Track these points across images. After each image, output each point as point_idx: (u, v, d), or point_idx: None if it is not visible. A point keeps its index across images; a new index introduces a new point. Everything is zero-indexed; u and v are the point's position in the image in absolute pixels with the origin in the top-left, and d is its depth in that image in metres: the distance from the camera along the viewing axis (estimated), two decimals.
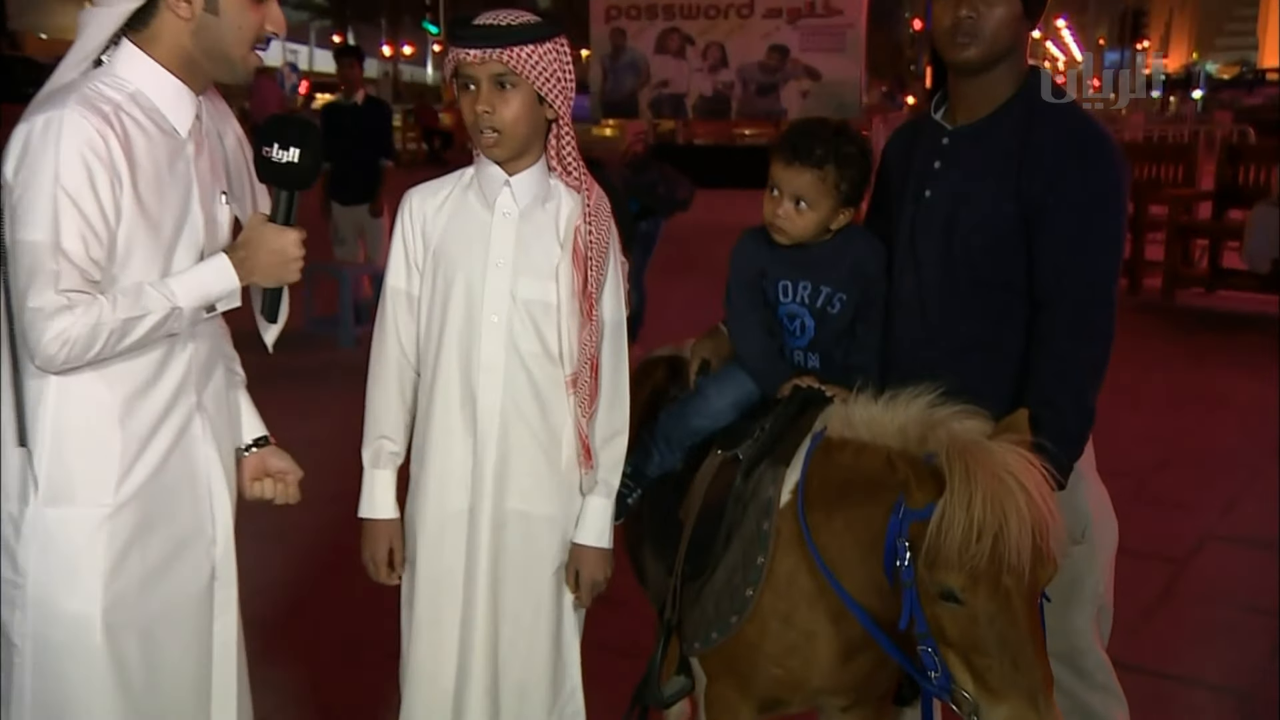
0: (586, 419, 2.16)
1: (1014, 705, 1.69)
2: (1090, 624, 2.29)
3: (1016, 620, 1.72)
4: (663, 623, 2.31)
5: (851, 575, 2.01)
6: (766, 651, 2.12)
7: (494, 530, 2.17)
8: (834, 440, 2.08)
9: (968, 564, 1.71)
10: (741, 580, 2.13)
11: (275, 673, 3.28)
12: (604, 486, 2.22)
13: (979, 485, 1.70)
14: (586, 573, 2.22)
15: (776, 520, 2.12)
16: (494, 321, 2.14)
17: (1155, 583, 4.05)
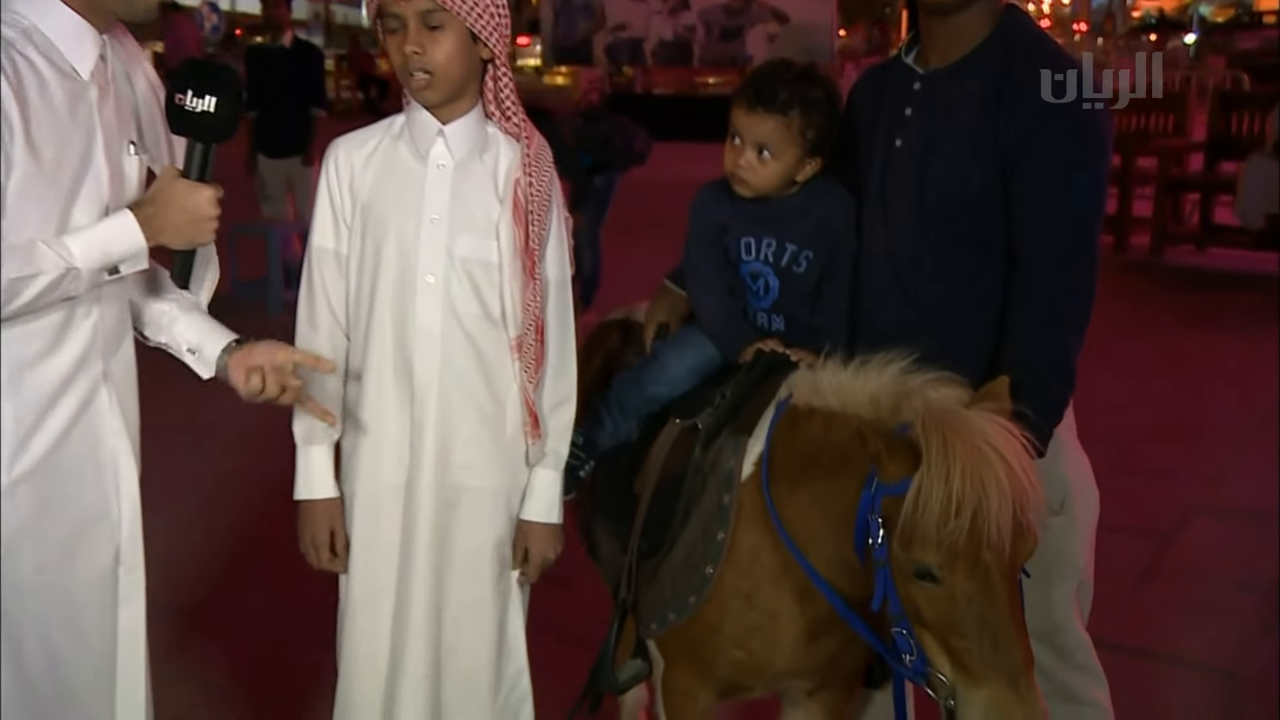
0: (533, 385, 2.16)
1: (993, 688, 1.72)
2: (1070, 600, 2.33)
3: (996, 598, 1.74)
4: (617, 603, 2.33)
5: (819, 552, 2.03)
6: (727, 633, 2.14)
7: (435, 505, 2.17)
8: (800, 409, 2.09)
9: (946, 541, 1.73)
10: (701, 557, 2.15)
11: (197, 665, 3.27)
12: (552, 457, 2.23)
13: (957, 457, 1.72)
14: (535, 550, 2.23)
15: (738, 493, 2.13)
16: (430, 282, 2.13)
17: (1139, 558, 4.14)
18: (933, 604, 1.78)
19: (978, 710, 1.73)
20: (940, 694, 1.79)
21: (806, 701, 2.32)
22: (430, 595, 2.18)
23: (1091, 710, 2.37)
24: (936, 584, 1.77)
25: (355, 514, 2.22)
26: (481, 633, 2.23)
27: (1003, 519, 1.72)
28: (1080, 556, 2.33)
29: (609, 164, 7.09)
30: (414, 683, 2.20)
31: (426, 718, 2.21)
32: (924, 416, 1.79)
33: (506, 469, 2.21)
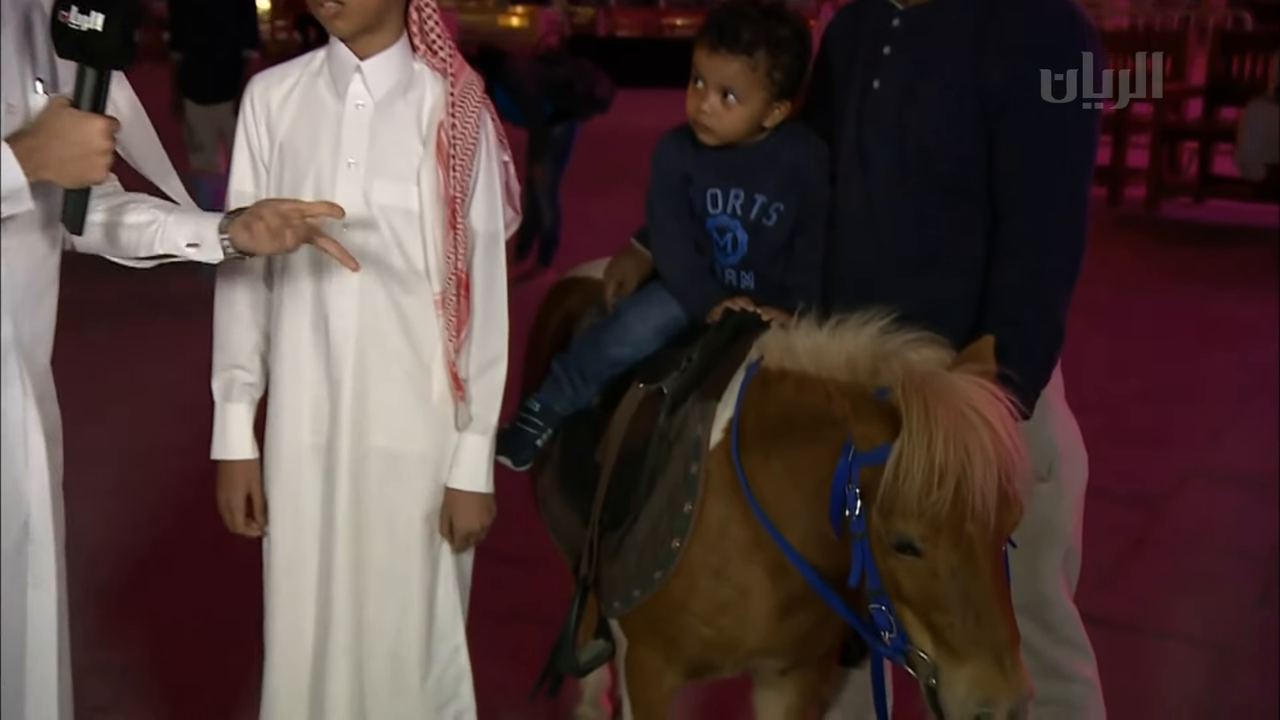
0: (455, 345, 2.17)
1: (978, 666, 1.74)
2: (1056, 571, 2.37)
3: (980, 572, 1.76)
4: (578, 581, 2.35)
5: (793, 524, 2.05)
6: (695, 610, 2.16)
7: (354, 470, 2.18)
8: (772, 372, 2.10)
9: (928, 511, 1.74)
10: (667, 530, 2.16)
11: (116, 654, 3.26)
12: (479, 422, 2.22)
13: (939, 423, 1.73)
14: (460, 520, 2.23)
15: (706, 462, 2.15)
16: (347, 231, 2.12)
17: (1130, 527, 4.20)
18: (914, 578, 1.79)
19: (961, 689, 1.76)
20: (921, 672, 1.82)
21: (779, 681, 2.35)
22: (351, 566, 2.19)
23: (1079, 687, 2.42)
24: (918, 557, 1.78)
25: (275, 476, 2.22)
26: (409, 608, 2.23)
27: (988, 488, 1.73)
28: (1068, 525, 2.36)
29: (569, 112, 7.05)
30: (338, 656, 2.21)
31: (351, 696, 2.23)
32: (904, 380, 1.80)
33: (434, 434, 2.21)
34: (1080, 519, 2.41)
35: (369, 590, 2.22)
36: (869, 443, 1.83)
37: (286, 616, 2.24)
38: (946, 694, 1.78)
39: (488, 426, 2.23)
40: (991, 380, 1.83)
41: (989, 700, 1.74)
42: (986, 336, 1.92)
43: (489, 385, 2.22)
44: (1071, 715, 2.42)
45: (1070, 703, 2.41)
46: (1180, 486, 4.62)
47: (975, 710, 1.75)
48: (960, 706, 1.76)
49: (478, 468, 2.23)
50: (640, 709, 2.30)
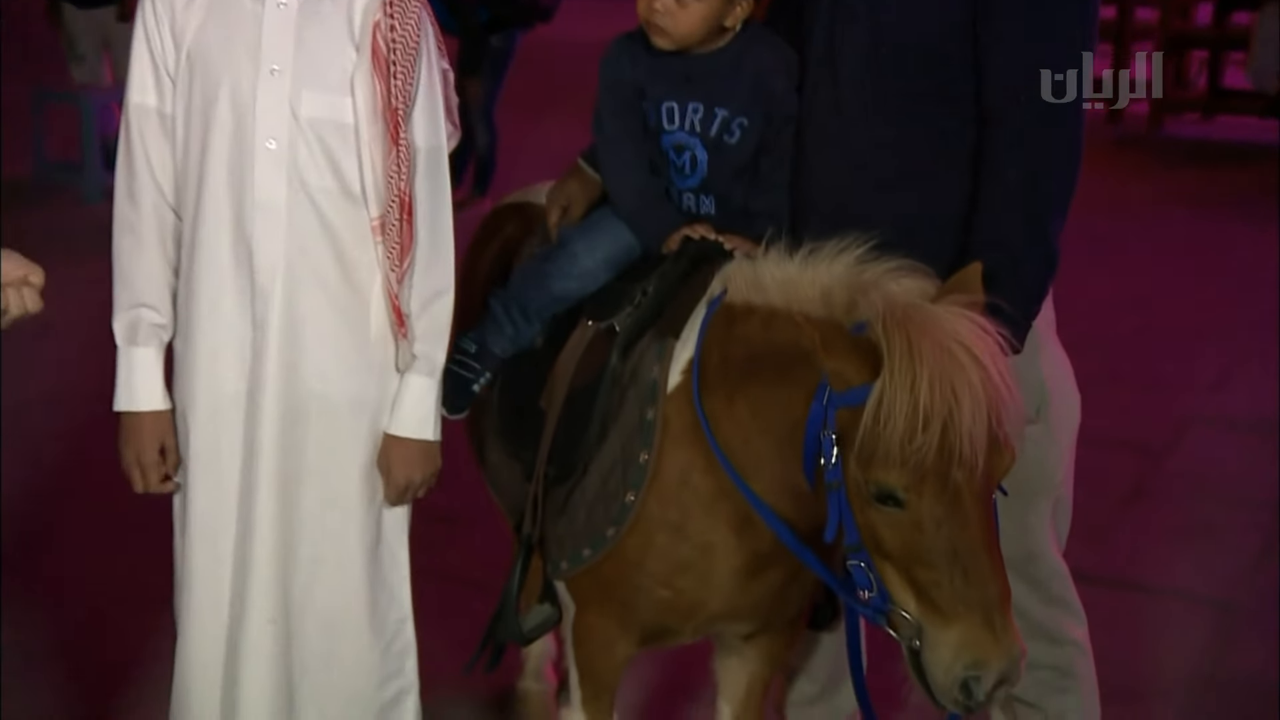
0: (398, 276, 2.16)
1: (965, 627, 1.78)
2: (1045, 523, 2.42)
3: (968, 523, 1.79)
4: (520, 540, 2.37)
5: (761, 474, 2.07)
6: (652, 570, 2.18)
7: (282, 418, 2.18)
8: (736, 306, 2.11)
9: (911, 458, 1.76)
10: (620, 483, 2.18)
11: (11, 631, 3.24)
12: (424, 362, 2.22)
13: (924, 360, 1.75)
14: (398, 470, 2.23)
15: (663, 407, 2.16)
16: (271, 148, 2.10)
17: (1126, 477, 4.29)
18: (896, 532, 1.82)
19: (947, 651, 1.80)
20: (903, 634, 1.86)
21: (743, 647, 2.38)
22: (277, 524, 2.19)
23: (1068, 650, 2.48)
24: (900, 509, 1.81)
25: (191, 428, 2.21)
26: (346, 571, 2.24)
27: (976, 432, 1.76)
28: (1057, 473, 2.41)
29: (509, 21, 6.97)
30: (258, 629, 2.21)
31: (277, 672, 2.24)
32: (884, 313, 1.82)
33: (372, 376, 2.21)
34: (1071, 466, 2.46)
35: (299, 551, 2.22)
36: (846, 383, 1.85)
37: (202, 585, 2.23)
38: (931, 657, 1.82)
39: (434, 367, 2.22)
40: (980, 312, 1.85)
41: (978, 663, 1.78)
42: (974, 264, 1.94)
43: (435, 321, 2.21)
44: (1060, 681, 2.48)
45: (1058, 667, 2.47)
46: (1181, 432, 4.72)
47: (962, 674, 1.79)
48: (946, 670, 1.80)
49: (423, 413, 2.22)
50: (589, 680, 2.33)
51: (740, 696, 2.43)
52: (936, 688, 1.84)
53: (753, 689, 2.42)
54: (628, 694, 2.75)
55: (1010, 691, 1.86)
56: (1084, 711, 2.54)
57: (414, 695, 2.34)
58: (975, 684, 1.80)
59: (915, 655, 1.85)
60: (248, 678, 2.23)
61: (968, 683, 1.80)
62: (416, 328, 2.20)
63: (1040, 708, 2.50)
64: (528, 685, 3.05)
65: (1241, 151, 8.96)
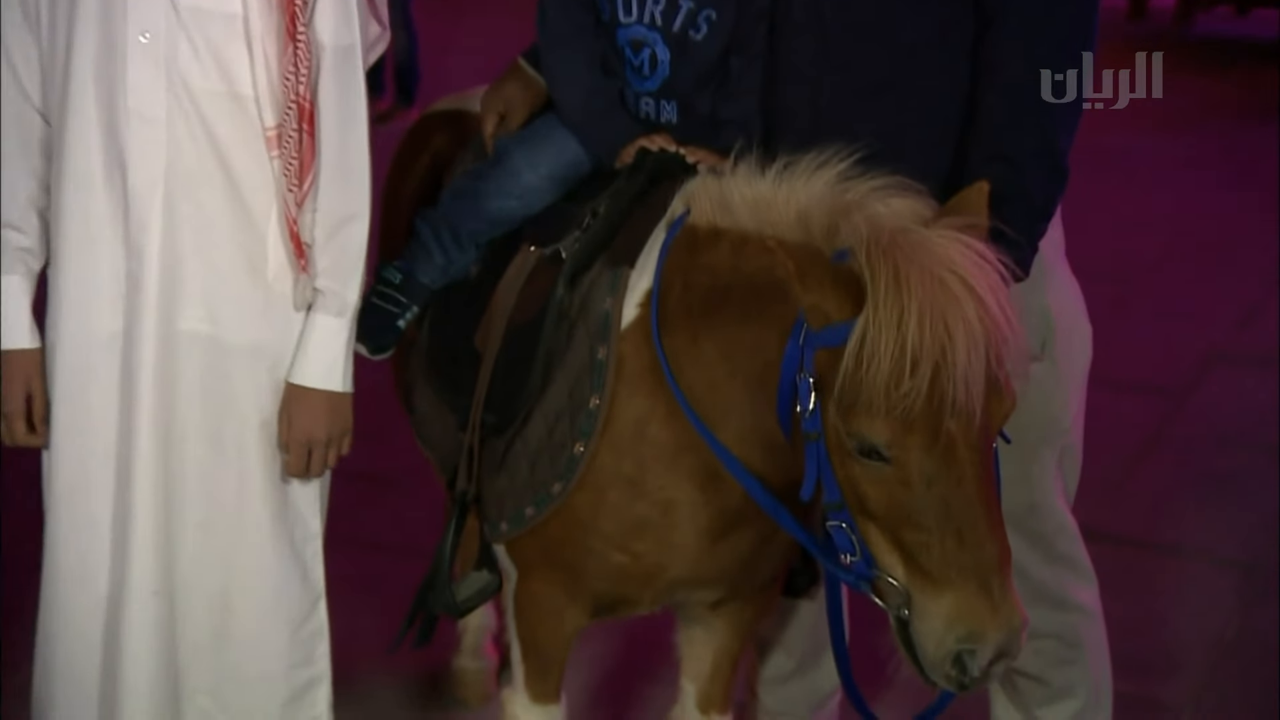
0: (297, 197, 2.14)
1: (959, 594, 1.80)
2: (1050, 472, 2.45)
3: (963, 479, 1.80)
4: (454, 498, 2.38)
5: (729, 423, 2.08)
6: (605, 531, 2.20)
7: (163, 363, 2.17)
8: (701, 230, 2.12)
9: (898, 406, 1.77)
10: (568, 432, 2.19)
11: None
12: (331, 300, 2.21)
13: (913, 293, 1.76)
14: (300, 427, 2.21)
15: (617, 345, 2.16)
16: (144, 42, 2.08)
17: (1143, 422, 4.36)
18: (880, 489, 1.83)
19: (938, 622, 1.82)
20: (890, 603, 1.88)
21: (709, 617, 2.41)
22: (159, 484, 2.19)
23: (1075, 616, 2.53)
24: (885, 463, 1.81)
25: (59, 372, 2.20)
26: (247, 540, 2.24)
27: (972, 375, 1.77)
28: (1064, 416, 2.44)
29: None
30: (140, 604, 2.21)
31: (161, 656, 2.24)
32: (868, 239, 1.82)
33: (272, 316, 2.20)
34: (1081, 409, 2.49)
35: (185, 515, 2.21)
36: (825, 320, 1.86)
37: (70, 552, 2.22)
38: (921, 628, 1.85)
39: (344, 305, 2.21)
40: (982, 238, 1.86)
41: (973, 634, 1.81)
42: (979, 183, 1.95)
43: (344, 251, 2.19)
44: (1065, 651, 2.54)
45: (1063, 636, 2.52)
46: (1204, 372, 4.78)
47: (955, 647, 1.82)
48: (937, 643, 1.83)
49: (330, 359, 2.21)
50: (534, 656, 2.36)
51: (706, 673, 2.46)
52: (927, 662, 1.86)
53: (720, 665, 2.45)
54: (577, 672, 2.80)
55: (1010, 666, 1.89)
56: (1093, 685, 2.59)
57: (325, 685, 2.35)
58: (970, 658, 1.82)
59: (904, 626, 1.87)
60: (129, 658, 2.23)
61: (961, 657, 1.82)
62: (320, 259, 2.18)
63: (1043, 681, 2.55)
64: (463, 664, 3.08)
65: (1277, 51, 8.99)
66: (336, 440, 2.24)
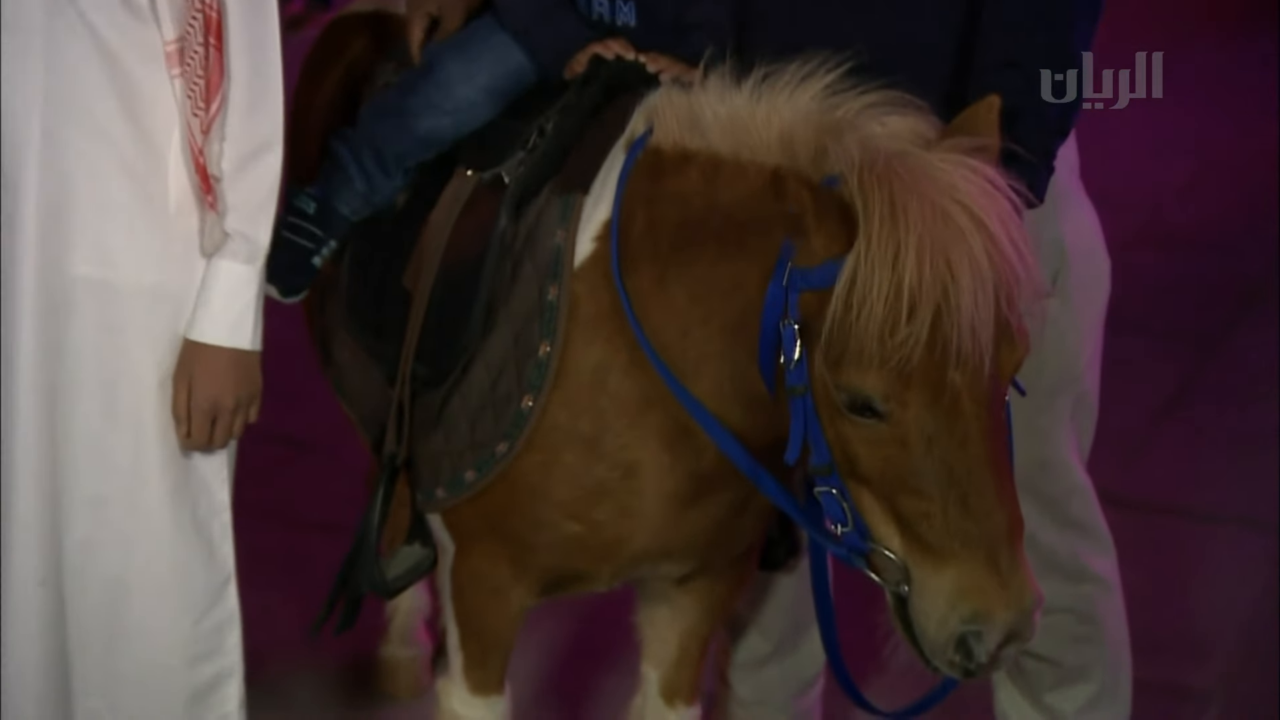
0: (203, 124, 2.14)
1: (964, 569, 1.82)
2: (1063, 426, 2.49)
3: (968, 439, 1.82)
4: (382, 462, 2.39)
5: (703, 374, 2.10)
6: (557, 498, 2.22)
7: (45, 312, 2.16)
8: (666, 152, 2.12)
9: (893, 357, 1.79)
10: (514, 384, 2.20)
11: None
12: (241, 244, 2.19)
13: (911, 226, 1.77)
14: (203, 390, 2.20)
15: (571, 285, 2.18)
16: None
17: (1169, 370, 4.40)
18: (874, 450, 1.85)
19: (940, 600, 1.84)
20: (887, 578, 1.90)
21: (675, 595, 2.44)
22: (43, 453, 2.19)
23: (1090, 588, 2.58)
24: (879, 421, 1.84)
25: None
26: (144, 515, 2.24)
27: (979, 320, 1.78)
28: (1078, 360, 2.47)
29: None
30: (23, 595, 2.21)
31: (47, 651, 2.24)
32: (861, 163, 1.82)
33: (173, 258, 2.20)
34: (1097, 354, 2.53)
35: (74, 489, 2.21)
36: (813, 258, 1.88)
37: None
38: (921, 607, 1.87)
39: (255, 250, 2.20)
40: (992, 163, 1.87)
41: (978, 614, 1.83)
42: (989, 98, 1.95)
43: (256, 187, 2.19)
44: (1079, 628, 2.58)
45: (1076, 611, 2.57)
46: (1239, 315, 4.80)
47: (959, 629, 1.84)
48: (939, 624, 1.85)
49: (239, 313, 2.21)
50: (474, 641, 2.38)
51: (671, 658, 2.49)
52: (927, 646, 1.88)
53: (687, 648, 2.48)
54: (523, 659, 2.81)
55: (1022, 650, 1.92)
56: (1110, 665, 2.64)
57: (237, 680, 2.35)
58: (976, 641, 1.84)
59: (902, 604, 1.90)
60: (10, 658, 2.23)
61: (966, 639, 1.84)
62: (230, 196, 2.17)
63: (1054, 662, 2.60)
64: (394, 652, 3.10)
65: None
66: (244, 406, 2.24)
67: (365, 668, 3.11)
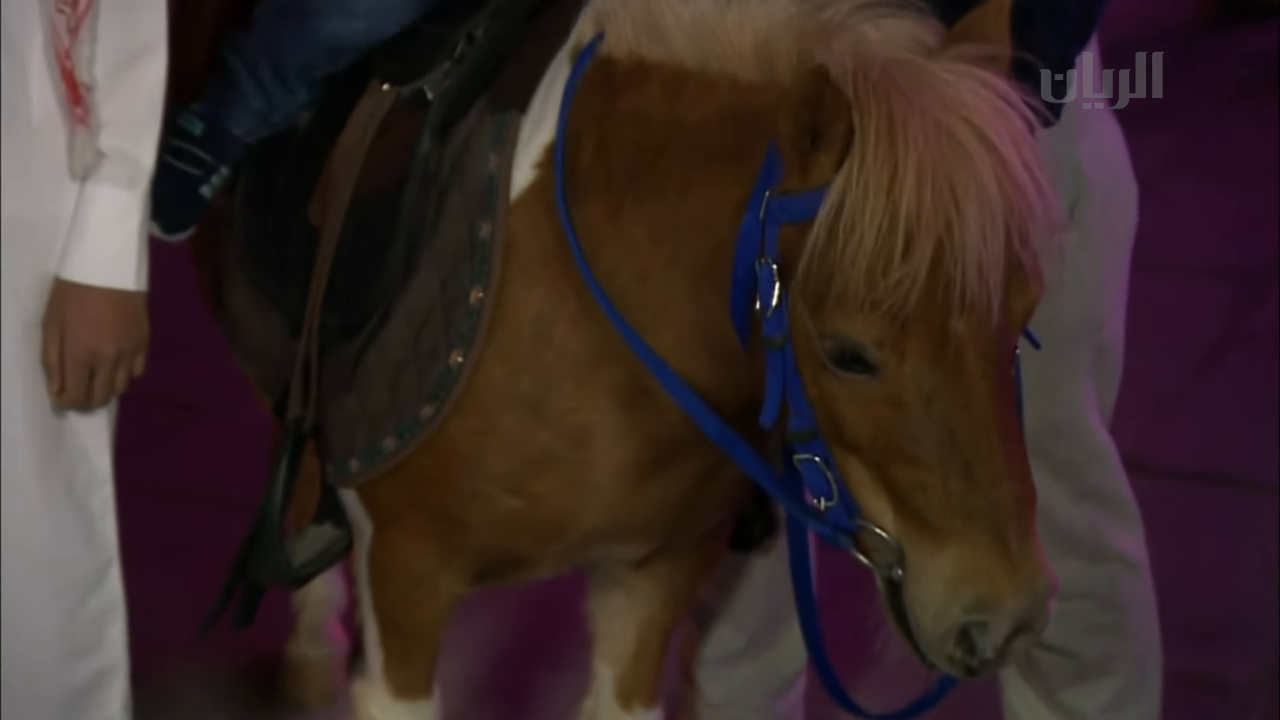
0: (69, 24, 2.14)
1: (967, 549, 1.84)
2: (1081, 383, 2.51)
3: (974, 397, 1.83)
4: (286, 429, 2.40)
5: (665, 325, 2.11)
6: (493, 468, 2.23)
7: None
8: (620, 64, 2.13)
9: (887, 299, 1.80)
10: (441, 336, 2.21)
11: None
12: (119, 165, 2.21)
13: (910, 146, 1.79)
14: (80, 339, 2.21)
15: (506, 219, 2.19)
16: None
17: (1206, 318, 4.41)
18: (864, 411, 1.87)
19: (938, 586, 1.86)
20: (879, 561, 1.92)
21: (631, 579, 2.47)
22: None
23: (1113, 569, 2.61)
24: (870, 376, 1.85)
25: None
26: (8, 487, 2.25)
27: (988, 258, 1.80)
28: (1099, 305, 2.50)
29: None
30: None
31: None
32: (854, 72, 1.83)
33: (35, 183, 2.21)
34: (1122, 297, 2.55)
35: None
36: (796, 184, 1.89)
37: None
38: (918, 594, 1.89)
39: (137, 172, 2.22)
40: (1002, 74, 1.88)
41: (984, 602, 1.84)
42: None
43: (135, 96, 2.20)
44: (1100, 615, 2.61)
45: (1097, 596, 2.59)
46: None
47: (961, 619, 1.86)
48: (938, 614, 1.87)
49: (119, 247, 2.22)
50: (395, 636, 2.40)
51: (628, 653, 2.52)
52: (924, 639, 1.90)
53: (646, 642, 2.51)
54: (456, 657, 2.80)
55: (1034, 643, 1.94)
56: (1136, 657, 2.68)
57: (120, 679, 2.37)
58: (980, 633, 1.86)
59: (895, 591, 1.92)
60: None
61: (969, 631, 1.86)
62: (105, 108, 2.18)
63: (1071, 654, 2.62)
64: (302, 650, 3.13)
65: None
66: (127, 356, 2.25)
67: (269, 669, 3.13)
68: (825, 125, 1.83)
